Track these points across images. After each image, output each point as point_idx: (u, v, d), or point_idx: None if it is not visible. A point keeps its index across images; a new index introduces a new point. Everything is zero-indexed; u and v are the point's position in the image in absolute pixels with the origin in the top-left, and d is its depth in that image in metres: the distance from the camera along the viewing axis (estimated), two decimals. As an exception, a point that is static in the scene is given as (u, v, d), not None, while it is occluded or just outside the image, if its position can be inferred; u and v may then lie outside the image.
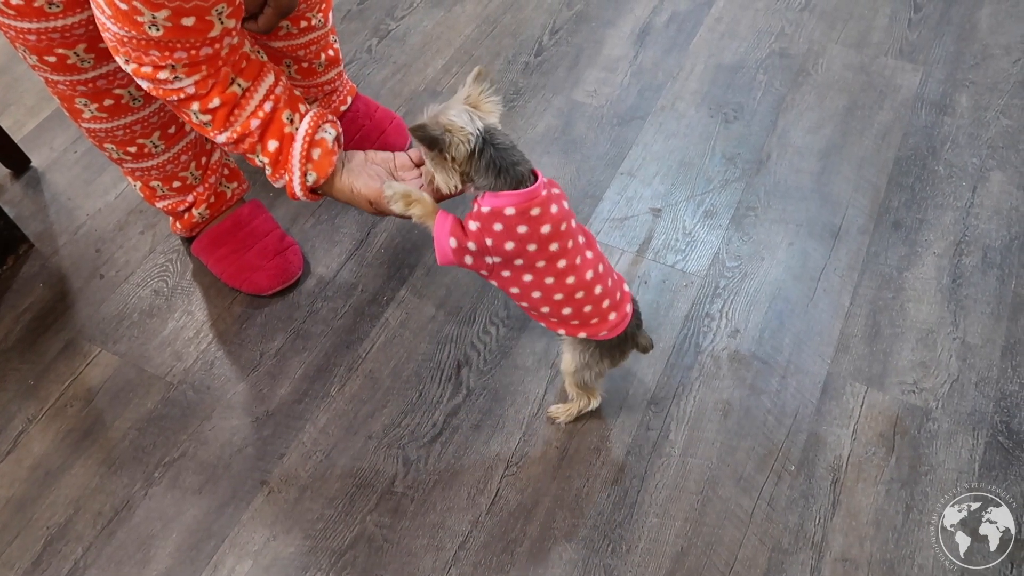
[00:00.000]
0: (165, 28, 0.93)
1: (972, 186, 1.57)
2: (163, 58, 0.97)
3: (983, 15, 1.88)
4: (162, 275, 1.50)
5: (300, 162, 1.10)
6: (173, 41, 0.95)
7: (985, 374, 1.33)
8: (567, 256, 1.02)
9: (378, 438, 1.29)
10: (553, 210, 1.00)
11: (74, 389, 1.36)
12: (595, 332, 1.10)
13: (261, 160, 1.10)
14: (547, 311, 1.09)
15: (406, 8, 1.95)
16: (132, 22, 0.91)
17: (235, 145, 1.09)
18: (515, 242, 0.99)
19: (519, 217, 0.98)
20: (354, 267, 1.49)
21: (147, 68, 0.98)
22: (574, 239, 1.04)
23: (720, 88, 1.76)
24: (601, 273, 1.07)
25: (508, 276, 1.05)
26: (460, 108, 1.00)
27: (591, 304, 1.07)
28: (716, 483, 1.23)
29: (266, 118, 1.07)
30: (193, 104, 1.03)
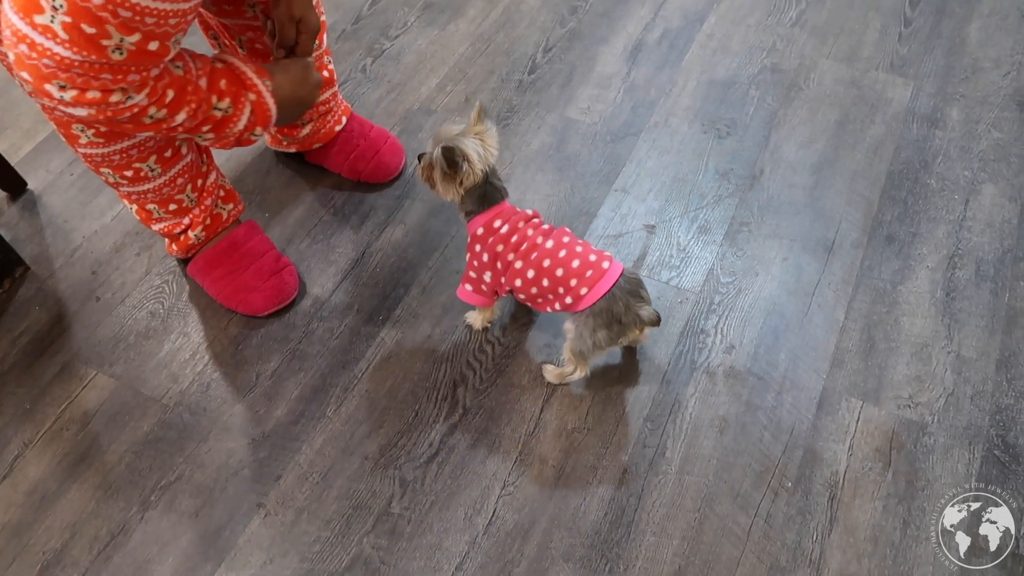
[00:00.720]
0: (129, 52, 0.93)
1: (964, 199, 1.58)
2: (115, 81, 0.96)
3: (972, 29, 1.89)
4: (158, 297, 1.50)
5: (255, 73, 1.15)
6: (130, 64, 0.95)
7: (980, 387, 1.33)
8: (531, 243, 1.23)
9: (374, 459, 1.29)
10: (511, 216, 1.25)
11: (70, 412, 1.36)
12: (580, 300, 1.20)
13: (220, 108, 1.11)
14: (535, 292, 1.24)
15: (400, 27, 1.97)
16: (95, 47, 0.91)
17: (193, 116, 1.09)
18: (503, 244, 1.24)
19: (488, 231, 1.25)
20: (349, 287, 1.50)
21: (94, 93, 0.97)
22: (536, 230, 1.24)
23: (713, 104, 1.77)
24: (577, 252, 1.21)
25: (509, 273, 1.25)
26: (473, 140, 1.21)
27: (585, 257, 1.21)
28: (713, 500, 1.23)
29: (206, 71, 1.10)
30: (150, 110, 1.04)
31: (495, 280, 1.28)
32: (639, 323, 1.21)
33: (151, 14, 0.91)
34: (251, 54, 1.42)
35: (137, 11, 0.89)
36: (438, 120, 1.76)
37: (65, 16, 0.88)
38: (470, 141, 1.21)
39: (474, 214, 1.26)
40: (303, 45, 1.29)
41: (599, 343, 1.21)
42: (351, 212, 1.61)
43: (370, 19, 1.99)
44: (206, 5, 1.35)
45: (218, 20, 1.37)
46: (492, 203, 1.25)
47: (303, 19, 1.27)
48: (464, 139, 1.21)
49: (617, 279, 1.18)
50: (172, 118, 1.07)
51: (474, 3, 2.01)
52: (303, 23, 1.27)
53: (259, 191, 1.65)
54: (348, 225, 1.59)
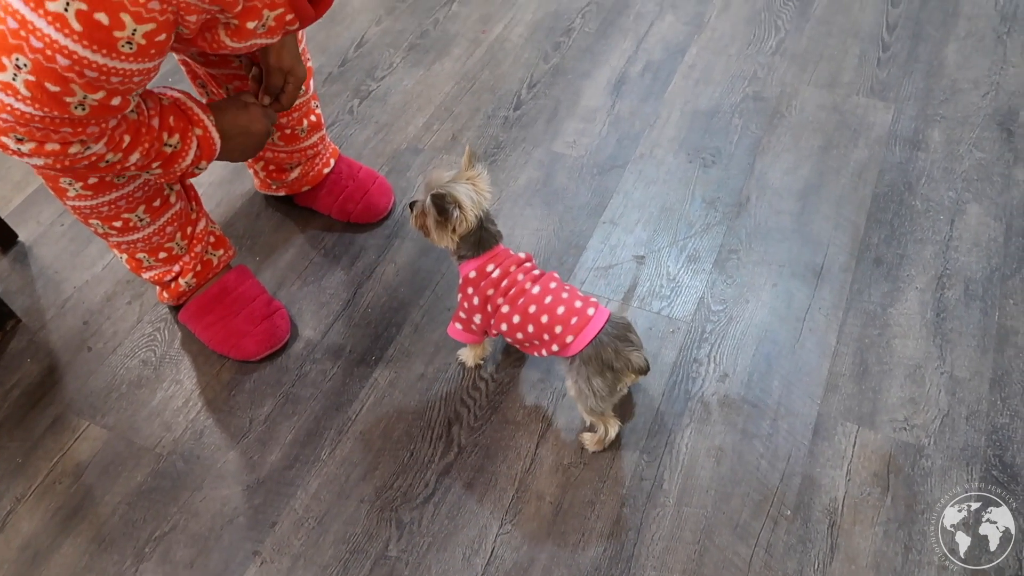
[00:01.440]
0: (91, 108, 0.94)
1: (950, 219, 1.59)
2: (75, 134, 0.97)
3: (949, 51, 1.92)
4: (150, 345, 1.50)
5: (195, 106, 1.16)
6: (91, 119, 0.96)
7: (975, 407, 1.33)
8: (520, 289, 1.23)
9: (370, 501, 1.28)
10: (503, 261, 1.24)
11: (63, 465, 1.35)
12: (566, 348, 1.19)
13: (171, 144, 1.12)
14: (521, 337, 1.24)
15: (386, 68, 1.99)
16: (57, 103, 0.92)
17: (146, 155, 1.10)
18: (493, 288, 1.24)
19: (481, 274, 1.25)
20: (342, 328, 1.50)
21: (53, 146, 0.98)
22: (526, 275, 1.24)
23: (697, 134, 1.79)
24: (563, 299, 1.21)
25: (497, 317, 1.25)
26: (466, 186, 1.20)
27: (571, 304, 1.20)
28: (712, 532, 1.22)
29: (156, 111, 1.11)
30: (107, 156, 1.05)
31: (484, 322, 1.28)
32: (631, 368, 1.18)
33: (117, 73, 0.91)
34: None
35: (103, 71, 0.90)
36: (426, 159, 1.78)
37: (29, 75, 0.88)
38: (462, 187, 1.19)
39: (467, 258, 1.25)
40: (289, 94, 1.31)
41: (599, 392, 1.19)
42: (341, 253, 1.62)
43: (356, 61, 2.02)
44: (192, 56, 1.37)
45: (205, 70, 1.39)
46: (487, 247, 1.24)
47: (291, 70, 1.29)
48: (456, 185, 1.19)
49: (603, 326, 1.17)
50: (126, 159, 1.08)
51: (458, 42, 2.04)
52: (291, 73, 1.29)
53: (249, 235, 1.65)
54: (339, 266, 1.60)
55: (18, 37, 0.86)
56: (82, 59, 0.88)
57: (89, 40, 0.86)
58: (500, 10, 2.12)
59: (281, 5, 0.98)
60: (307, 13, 1.03)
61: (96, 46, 0.87)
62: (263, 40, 1.03)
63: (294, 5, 0.99)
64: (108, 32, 0.86)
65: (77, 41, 0.86)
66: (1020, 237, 1.55)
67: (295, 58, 1.30)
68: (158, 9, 0.85)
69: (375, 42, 2.06)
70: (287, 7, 0.99)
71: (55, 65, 0.88)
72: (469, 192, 1.19)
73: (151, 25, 0.87)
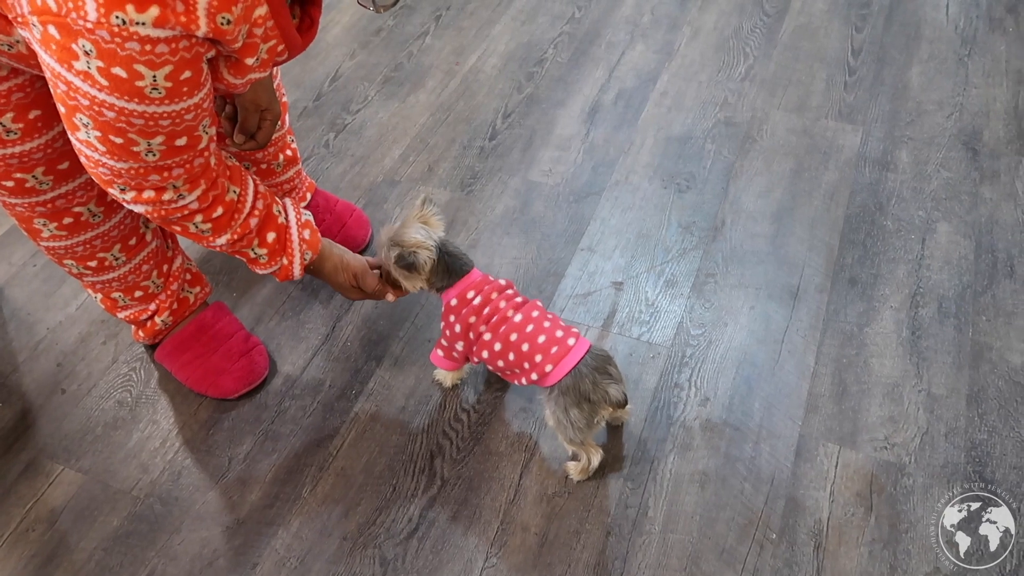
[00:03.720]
0: (160, 152, 0.96)
1: (921, 238, 1.62)
2: (164, 180, 1.00)
3: (913, 74, 1.97)
4: (126, 385, 1.47)
5: (299, 244, 1.22)
6: (169, 162, 0.98)
7: (953, 424, 1.34)
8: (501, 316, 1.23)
9: (353, 538, 1.26)
10: (484, 288, 1.25)
11: (36, 511, 1.32)
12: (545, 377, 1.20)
13: (257, 252, 1.18)
14: (502, 365, 1.25)
15: (361, 102, 2.00)
16: (129, 153, 0.94)
17: (232, 245, 1.15)
18: (475, 316, 1.25)
19: (462, 302, 1.25)
20: (321, 363, 1.49)
21: (149, 193, 1.01)
22: (508, 302, 1.24)
23: (671, 159, 1.81)
24: (545, 328, 1.22)
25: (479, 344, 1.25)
26: (416, 226, 1.23)
27: (551, 333, 1.21)
28: (699, 558, 1.21)
29: (261, 215, 1.16)
30: (196, 217, 1.08)
31: (466, 349, 1.28)
32: (608, 402, 1.18)
33: (163, 117, 0.91)
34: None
35: (147, 117, 0.90)
36: (403, 191, 1.78)
37: (95, 131, 0.92)
38: (413, 228, 1.23)
39: (445, 288, 1.26)
40: (265, 131, 1.30)
41: (576, 423, 1.18)
42: (319, 287, 1.61)
43: (331, 95, 2.02)
44: None
45: None
46: (460, 275, 1.25)
47: (268, 107, 1.29)
48: (407, 229, 1.23)
49: (582, 357, 1.18)
50: (214, 237, 1.12)
51: (433, 74, 2.06)
52: (268, 111, 1.28)
53: (226, 271, 1.64)
54: (317, 300, 1.59)
55: (71, 98, 0.88)
56: (122, 109, 0.88)
57: (119, 92, 0.87)
58: (473, 42, 2.14)
59: (273, 37, 0.98)
60: (296, 43, 1.03)
61: (127, 97, 0.87)
62: (257, 75, 1.02)
63: (285, 35, 0.99)
64: (131, 83, 0.86)
65: (109, 94, 0.87)
66: (990, 254, 1.58)
67: (271, 95, 1.30)
68: (168, 51, 0.85)
69: (349, 76, 2.07)
70: (279, 38, 0.99)
71: (106, 119, 0.89)
72: (420, 230, 1.23)
73: (168, 68, 0.86)
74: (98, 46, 0.82)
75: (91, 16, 0.79)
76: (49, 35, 0.82)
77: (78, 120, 0.91)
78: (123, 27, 0.80)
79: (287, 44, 1.00)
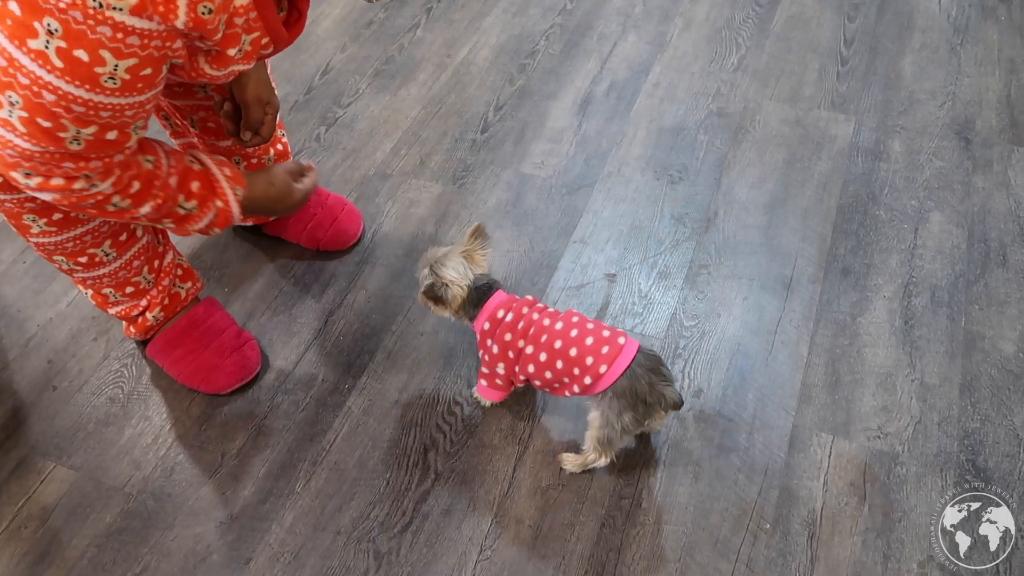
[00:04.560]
0: (87, 142, 0.93)
1: (914, 228, 1.62)
2: (78, 169, 0.97)
3: (906, 63, 1.96)
4: (117, 382, 1.47)
5: (227, 182, 1.15)
6: (90, 153, 0.96)
7: (946, 413, 1.34)
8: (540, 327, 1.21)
9: (347, 533, 1.26)
10: (512, 304, 1.25)
11: (28, 509, 1.31)
12: (600, 379, 1.15)
13: (186, 207, 1.12)
14: (550, 376, 1.21)
15: (352, 95, 1.99)
16: (52, 138, 0.91)
17: (157, 210, 1.09)
18: (510, 333, 1.23)
19: (494, 323, 1.25)
20: (313, 357, 1.48)
21: (58, 180, 0.97)
22: (542, 313, 1.23)
23: (663, 151, 1.80)
24: (590, 330, 1.18)
25: (522, 360, 1.23)
26: (457, 260, 1.25)
27: (598, 334, 1.17)
28: (693, 549, 1.21)
29: (179, 171, 1.10)
30: (114, 198, 1.04)
31: (509, 370, 1.26)
32: (664, 404, 1.14)
33: (105, 108, 0.91)
34: (203, 132, 1.43)
35: (90, 106, 0.89)
36: (394, 184, 1.77)
37: (22, 111, 0.89)
38: (453, 262, 1.24)
39: (474, 317, 1.27)
40: (268, 126, 1.31)
41: (627, 427, 1.15)
42: (312, 281, 1.60)
43: (322, 88, 2.01)
44: None
45: (168, 102, 1.38)
46: (486, 298, 1.25)
47: (269, 101, 1.29)
48: (448, 261, 1.24)
49: (635, 355, 1.14)
50: (136, 209, 1.07)
51: (424, 67, 2.05)
52: (269, 104, 1.29)
53: (217, 266, 1.64)
54: (309, 294, 1.58)
55: (8, 74, 0.86)
56: (67, 95, 0.87)
57: (71, 76, 0.86)
58: (465, 34, 2.13)
59: (257, 29, 0.97)
60: (282, 36, 1.03)
61: (79, 82, 0.86)
62: (240, 66, 1.02)
63: (270, 28, 0.98)
64: (89, 68, 0.85)
65: (60, 77, 0.86)
66: (982, 243, 1.58)
67: (271, 89, 1.30)
68: (138, 44, 0.85)
69: (340, 69, 2.06)
70: (263, 31, 0.99)
71: (43, 101, 0.88)
72: (459, 265, 1.24)
73: (133, 60, 0.86)
74: (67, 26, 0.80)
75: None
76: (7, 10, 0.81)
77: (4, 97, 0.88)
78: (99, 10, 0.79)
79: (272, 37, 0.99)
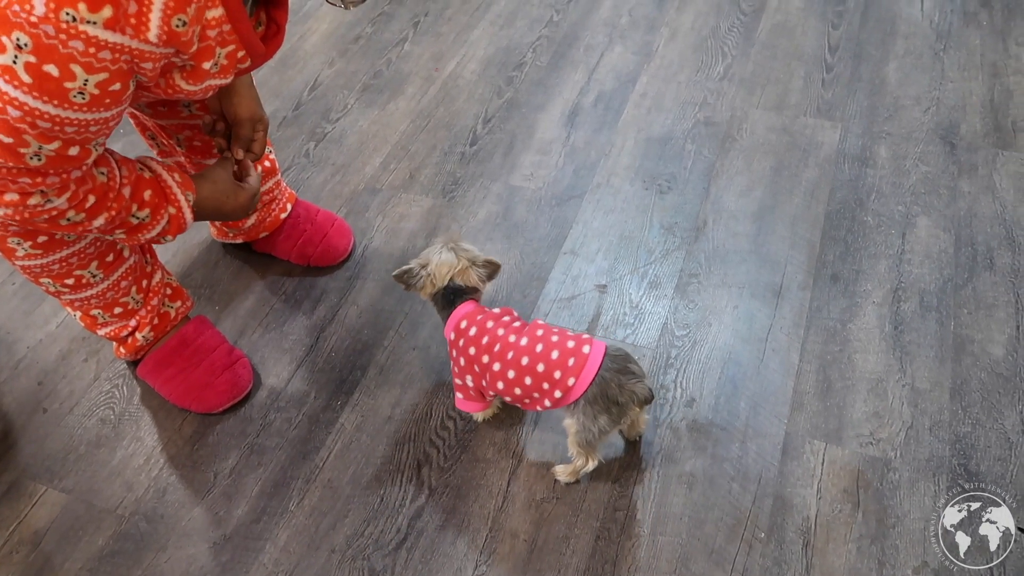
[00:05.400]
0: (48, 158, 0.93)
1: (901, 233, 1.63)
2: (34, 185, 0.96)
3: (890, 70, 1.98)
4: (108, 403, 1.46)
5: (178, 188, 1.15)
6: (49, 168, 0.95)
7: (937, 418, 1.35)
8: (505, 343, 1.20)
9: (341, 551, 1.25)
10: (477, 317, 1.24)
11: (19, 534, 1.30)
12: (569, 392, 1.16)
13: (139, 216, 1.11)
14: (520, 393, 1.20)
15: (340, 110, 1.99)
16: (12, 154, 0.91)
17: (110, 222, 1.08)
18: (474, 347, 1.23)
19: (458, 333, 1.25)
20: (305, 374, 1.48)
21: (11, 196, 0.96)
22: (507, 328, 1.22)
23: (652, 161, 1.81)
24: (555, 343, 1.18)
25: (489, 377, 1.22)
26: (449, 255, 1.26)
27: (563, 346, 1.17)
28: (688, 559, 1.21)
29: (131, 181, 1.09)
30: (68, 213, 1.03)
31: (477, 383, 1.26)
32: (636, 401, 1.16)
33: (71, 123, 0.90)
34: (190, 152, 1.43)
35: (56, 122, 0.89)
36: (384, 199, 1.78)
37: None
38: (445, 254, 1.26)
39: (444, 319, 1.28)
40: (260, 142, 1.31)
41: (604, 429, 1.16)
42: (303, 297, 1.60)
43: (310, 104, 2.02)
44: (140, 108, 1.36)
45: (155, 121, 1.38)
46: (455, 304, 1.26)
47: (260, 118, 1.29)
48: (444, 253, 1.26)
49: (602, 361, 1.15)
50: (89, 222, 1.06)
51: (412, 81, 2.06)
52: (260, 121, 1.30)
53: (207, 284, 1.63)
54: (300, 311, 1.58)
55: None
56: (33, 110, 0.87)
57: (39, 91, 0.85)
58: (452, 48, 2.14)
59: (232, 42, 0.97)
60: (258, 50, 1.03)
61: (47, 97, 0.86)
62: (217, 81, 1.02)
63: (245, 41, 0.99)
64: (59, 83, 0.85)
65: (27, 93, 0.85)
66: (969, 247, 1.59)
67: (260, 104, 1.30)
68: (109, 59, 0.84)
69: (328, 84, 2.06)
70: (238, 44, 0.99)
71: (7, 117, 0.87)
72: (449, 259, 1.25)
73: (103, 75, 0.86)
74: (38, 40, 0.80)
75: (38, 10, 0.78)
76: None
77: None
78: (72, 24, 0.79)
79: (248, 50, 0.99)
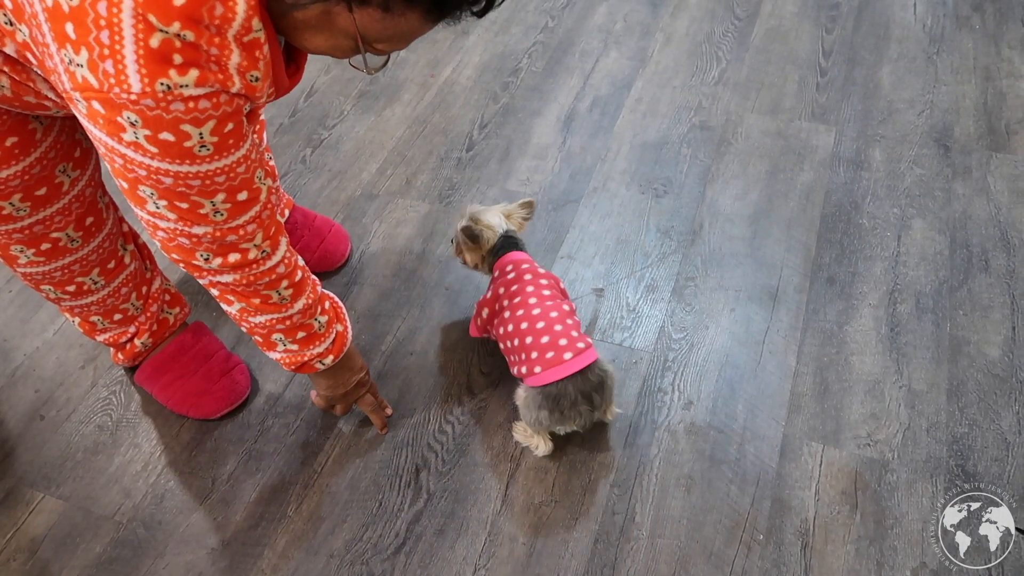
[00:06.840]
0: (227, 211, 0.95)
1: (896, 235, 1.63)
2: (241, 239, 0.99)
3: (884, 73, 1.99)
4: (106, 409, 1.46)
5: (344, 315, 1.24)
6: (240, 220, 0.97)
7: (934, 419, 1.35)
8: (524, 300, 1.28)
9: (340, 556, 1.25)
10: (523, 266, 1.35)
11: (17, 541, 1.30)
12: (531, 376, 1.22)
13: (320, 320, 1.17)
14: (509, 346, 1.28)
15: (336, 116, 2.00)
16: (198, 216, 0.94)
17: (307, 311, 1.13)
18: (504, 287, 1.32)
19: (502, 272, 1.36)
20: (303, 380, 1.48)
21: (234, 256, 1.00)
22: (536, 288, 1.29)
23: (647, 165, 1.82)
24: (558, 332, 1.22)
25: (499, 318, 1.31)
26: (497, 213, 1.40)
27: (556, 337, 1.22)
28: (687, 562, 1.21)
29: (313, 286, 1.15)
30: (282, 283, 1.08)
31: (488, 319, 1.35)
32: (578, 423, 1.24)
33: (218, 173, 0.91)
34: None
35: (201, 177, 0.90)
36: (381, 204, 1.78)
37: (160, 200, 0.91)
38: (493, 212, 1.39)
39: (489, 268, 1.40)
40: None
41: (540, 421, 1.23)
42: (300, 303, 1.60)
43: (307, 110, 2.02)
44: None
45: None
46: (507, 251, 1.36)
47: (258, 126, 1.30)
48: (488, 211, 1.39)
49: (571, 374, 1.19)
50: (292, 304, 1.11)
51: (408, 87, 2.06)
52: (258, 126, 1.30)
53: (205, 291, 1.63)
54: (298, 317, 1.58)
55: (131, 171, 0.88)
56: (177, 173, 0.88)
57: (170, 156, 0.86)
58: (448, 54, 2.15)
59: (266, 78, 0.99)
60: (283, 84, 1.04)
61: (179, 160, 0.87)
62: None
63: (276, 81, 0.99)
64: (179, 145, 0.85)
65: (162, 160, 0.86)
66: (964, 249, 1.60)
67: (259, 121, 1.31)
68: (210, 106, 0.85)
69: (325, 91, 2.07)
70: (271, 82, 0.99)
71: (166, 185, 0.89)
72: (495, 217, 1.38)
73: (212, 123, 0.86)
74: (143, 115, 0.81)
75: (135, 88, 0.79)
76: (94, 110, 0.82)
77: (142, 192, 0.90)
78: (168, 91, 0.80)
79: (276, 89, 1.01)
